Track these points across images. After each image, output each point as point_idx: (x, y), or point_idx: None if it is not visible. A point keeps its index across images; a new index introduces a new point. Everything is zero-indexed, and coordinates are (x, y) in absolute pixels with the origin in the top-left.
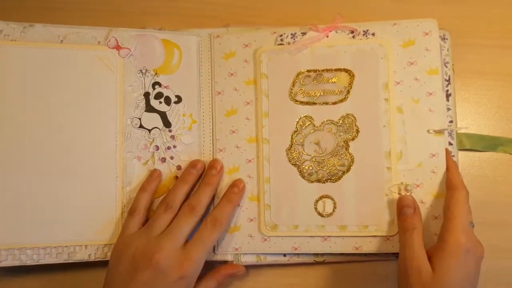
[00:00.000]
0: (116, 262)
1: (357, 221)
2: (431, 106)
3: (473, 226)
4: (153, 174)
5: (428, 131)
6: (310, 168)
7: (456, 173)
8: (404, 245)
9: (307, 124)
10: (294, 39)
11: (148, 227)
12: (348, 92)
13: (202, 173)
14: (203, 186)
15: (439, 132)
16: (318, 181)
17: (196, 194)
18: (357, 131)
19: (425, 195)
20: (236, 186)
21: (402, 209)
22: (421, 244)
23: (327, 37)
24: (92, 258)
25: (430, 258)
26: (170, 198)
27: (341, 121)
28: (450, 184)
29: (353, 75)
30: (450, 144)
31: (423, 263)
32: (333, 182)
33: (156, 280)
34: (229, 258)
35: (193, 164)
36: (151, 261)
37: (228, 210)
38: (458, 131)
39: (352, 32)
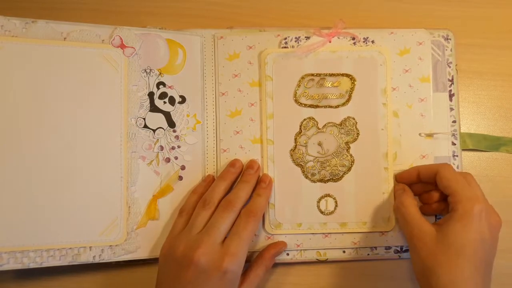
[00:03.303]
0: (163, 263)
1: (357, 218)
2: (423, 111)
3: None
4: (207, 179)
5: (419, 134)
6: (313, 168)
7: (423, 166)
8: (399, 216)
9: (310, 126)
10: (298, 42)
11: (189, 225)
12: (350, 96)
13: (240, 172)
14: (241, 183)
15: (429, 135)
16: (321, 181)
17: (234, 191)
18: (358, 134)
19: None
20: (251, 168)
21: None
22: (414, 208)
23: (330, 42)
24: (97, 260)
25: (440, 226)
26: (208, 195)
27: (342, 124)
28: (430, 173)
29: (355, 80)
30: (453, 144)
31: (422, 224)
32: (335, 181)
33: (200, 278)
34: None
35: (232, 163)
36: (193, 260)
37: (260, 200)
38: (457, 132)
39: (353, 38)
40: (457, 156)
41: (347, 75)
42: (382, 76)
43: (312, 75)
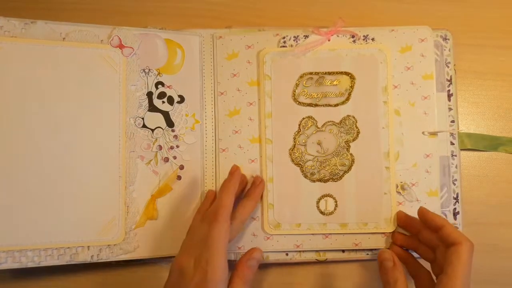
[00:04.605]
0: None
1: (357, 218)
2: (426, 109)
3: None
4: (209, 196)
5: (423, 132)
6: (313, 168)
7: (453, 228)
8: None
9: (309, 125)
10: (296, 41)
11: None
12: (349, 94)
13: (238, 180)
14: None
15: (433, 134)
16: (320, 180)
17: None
18: (358, 132)
19: (419, 193)
20: (230, 174)
21: (382, 262)
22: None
23: (329, 40)
24: (95, 259)
25: None
26: (201, 208)
27: (342, 123)
28: (451, 240)
29: (354, 78)
30: (452, 144)
31: None
32: (335, 181)
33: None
34: (232, 257)
35: (229, 172)
36: (174, 268)
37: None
38: (455, 132)
39: (353, 36)
40: (455, 156)
41: (347, 73)
42: (383, 74)
43: (311, 73)
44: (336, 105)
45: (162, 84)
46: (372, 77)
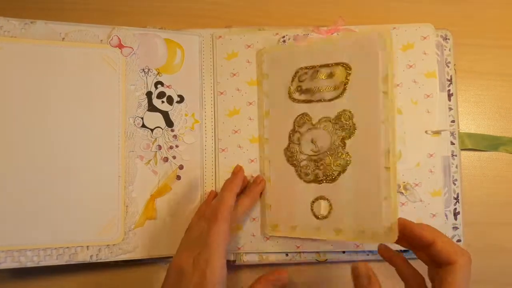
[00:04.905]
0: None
1: (354, 224)
2: (429, 107)
3: None
4: (209, 195)
5: (426, 131)
6: (307, 168)
7: (445, 243)
8: None
9: (303, 122)
10: None
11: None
12: (345, 87)
13: (241, 180)
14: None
15: (437, 132)
16: (314, 181)
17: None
18: (354, 128)
19: (423, 194)
20: (234, 174)
21: (357, 278)
22: None
23: None
24: (94, 259)
25: None
26: (200, 208)
27: (337, 118)
28: (444, 258)
29: (350, 69)
30: (452, 143)
31: None
32: (329, 182)
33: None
34: (231, 257)
35: (232, 172)
36: (172, 267)
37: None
38: (458, 131)
39: None
40: (456, 156)
41: (342, 64)
42: (383, 62)
43: (306, 68)
44: (331, 99)
45: (162, 83)
46: (370, 66)
